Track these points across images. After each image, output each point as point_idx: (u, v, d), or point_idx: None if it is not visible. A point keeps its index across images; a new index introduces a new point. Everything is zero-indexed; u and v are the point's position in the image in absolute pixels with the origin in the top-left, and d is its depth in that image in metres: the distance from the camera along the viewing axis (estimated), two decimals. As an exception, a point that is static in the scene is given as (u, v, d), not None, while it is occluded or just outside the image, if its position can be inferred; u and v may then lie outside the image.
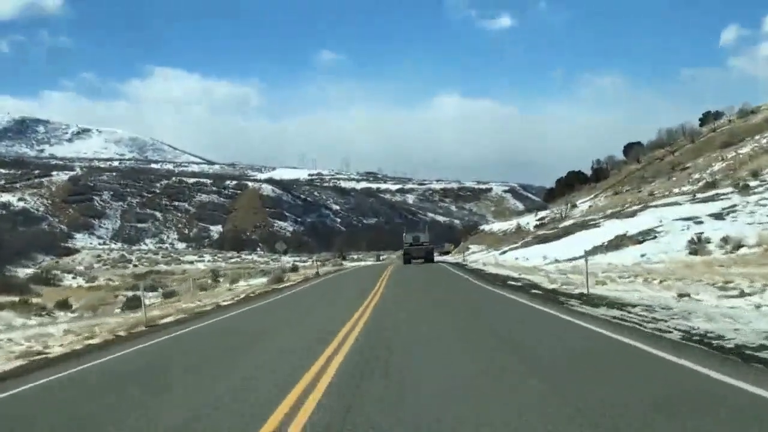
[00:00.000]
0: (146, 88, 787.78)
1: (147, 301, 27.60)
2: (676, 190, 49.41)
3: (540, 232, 43.21)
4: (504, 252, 40.03)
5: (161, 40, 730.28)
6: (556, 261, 24.57)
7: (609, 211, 35.65)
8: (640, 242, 21.48)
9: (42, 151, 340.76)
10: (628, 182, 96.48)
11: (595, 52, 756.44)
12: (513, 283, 20.56)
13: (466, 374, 7.15)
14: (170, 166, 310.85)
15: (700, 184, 52.11)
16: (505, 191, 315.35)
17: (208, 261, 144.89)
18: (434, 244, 60.33)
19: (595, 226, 30.58)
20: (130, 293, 36.62)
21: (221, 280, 47.44)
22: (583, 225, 32.92)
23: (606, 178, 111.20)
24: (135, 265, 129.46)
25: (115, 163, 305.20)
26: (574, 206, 76.41)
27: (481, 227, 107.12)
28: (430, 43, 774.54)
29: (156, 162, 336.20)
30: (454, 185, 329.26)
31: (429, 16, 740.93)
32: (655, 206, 30.56)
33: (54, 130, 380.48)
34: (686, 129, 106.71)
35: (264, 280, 32.88)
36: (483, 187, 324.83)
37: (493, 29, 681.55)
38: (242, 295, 21.32)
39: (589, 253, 23.04)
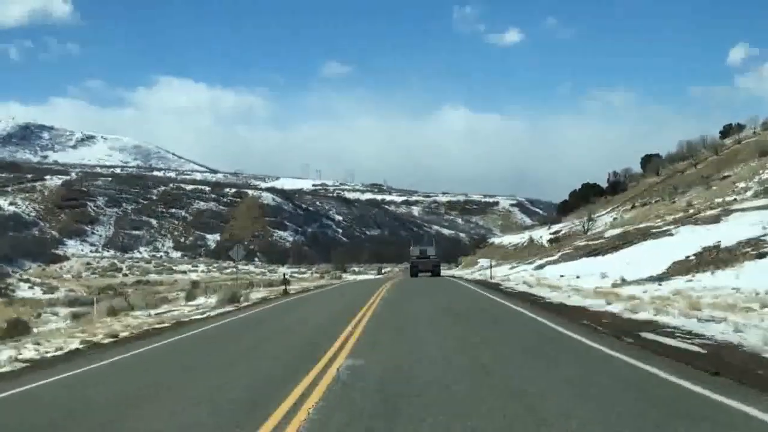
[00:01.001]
0: (153, 97, 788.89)
1: (52, 326, 20.69)
2: (719, 200, 42.37)
3: (581, 243, 35.52)
4: (540, 267, 32.27)
5: (168, 49, 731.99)
6: (625, 281, 17.44)
7: (670, 217, 28.12)
8: (762, 256, 14.53)
9: (46, 157, 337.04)
10: (651, 194, 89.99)
11: (603, 68, 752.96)
12: (664, 340, 9.68)
13: None
14: (173, 174, 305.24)
15: (749, 193, 45.38)
16: (513, 205, 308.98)
17: (202, 271, 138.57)
18: (440, 258, 56.48)
19: (665, 234, 23.44)
20: (70, 310, 29.70)
21: (196, 292, 41.09)
22: (645, 234, 25.70)
23: (624, 191, 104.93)
24: (125, 275, 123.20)
25: (118, 170, 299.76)
26: (591, 219, 69.34)
27: (491, 240, 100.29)
28: (438, 57, 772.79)
29: (159, 170, 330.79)
30: (461, 198, 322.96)
31: (437, 30, 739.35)
32: (743, 210, 23.48)
33: (58, 137, 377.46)
34: (707, 141, 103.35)
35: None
36: (490, 200, 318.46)
37: (502, 43, 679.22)
38: (96, 339, 13.23)
39: (674, 273, 15.84)
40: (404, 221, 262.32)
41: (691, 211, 30.45)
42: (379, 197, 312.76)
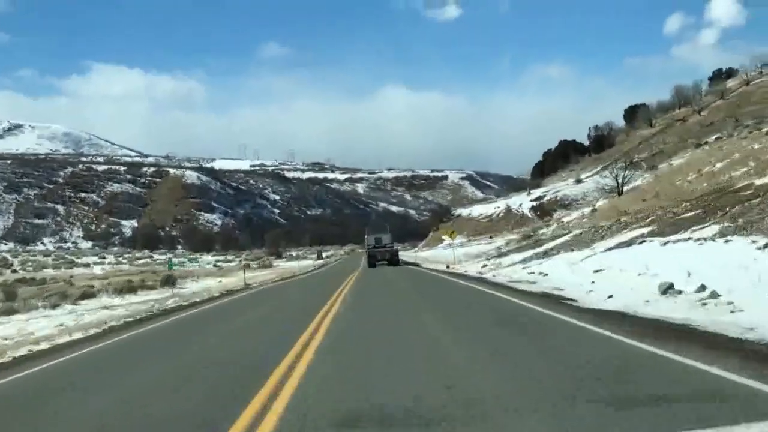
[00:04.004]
0: (86, 85, 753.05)
1: None
2: None
3: None
4: None
5: (101, 36, 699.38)
6: None
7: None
8: None
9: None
10: (649, 147, 75.13)
11: (542, 42, 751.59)
12: None
13: None
14: (101, 160, 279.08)
15: None
16: (462, 179, 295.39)
17: (109, 263, 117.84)
18: (397, 243, 56.55)
19: None
20: None
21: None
22: None
23: (611, 146, 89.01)
24: (14, 271, 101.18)
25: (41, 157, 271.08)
26: (629, 166, 53.32)
27: (457, 212, 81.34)
28: (377, 36, 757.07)
29: (86, 156, 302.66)
30: (407, 174, 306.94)
31: (375, 7, 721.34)
32: None
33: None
34: (700, 88, 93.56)
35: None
36: (438, 174, 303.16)
37: (440, 19, 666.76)
38: None
39: None
40: (348, 199, 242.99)
41: None
42: (321, 176, 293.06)
